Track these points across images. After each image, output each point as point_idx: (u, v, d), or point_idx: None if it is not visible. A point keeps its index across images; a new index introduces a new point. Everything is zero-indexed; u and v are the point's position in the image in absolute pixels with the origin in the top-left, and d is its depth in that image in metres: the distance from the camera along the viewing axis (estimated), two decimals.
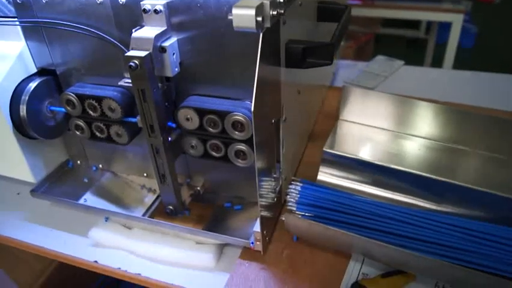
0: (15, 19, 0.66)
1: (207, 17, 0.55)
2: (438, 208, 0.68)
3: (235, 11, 0.47)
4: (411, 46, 3.41)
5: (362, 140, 0.81)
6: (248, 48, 0.55)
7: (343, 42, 1.34)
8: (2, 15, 0.68)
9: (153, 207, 0.74)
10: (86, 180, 0.79)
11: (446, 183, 0.67)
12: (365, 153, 0.76)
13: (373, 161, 0.71)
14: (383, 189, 0.72)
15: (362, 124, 0.84)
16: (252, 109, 0.49)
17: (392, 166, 0.70)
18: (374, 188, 0.73)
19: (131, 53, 0.55)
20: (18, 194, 0.83)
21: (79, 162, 0.82)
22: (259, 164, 0.55)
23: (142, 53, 0.54)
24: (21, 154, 0.71)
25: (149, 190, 0.78)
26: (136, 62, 0.54)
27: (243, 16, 0.47)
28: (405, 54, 1.77)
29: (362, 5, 2.25)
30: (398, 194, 0.71)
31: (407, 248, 0.57)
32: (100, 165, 0.81)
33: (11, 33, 0.68)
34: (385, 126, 0.83)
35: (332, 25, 0.71)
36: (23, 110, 0.67)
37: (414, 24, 3.28)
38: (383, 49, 3.15)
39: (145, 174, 0.78)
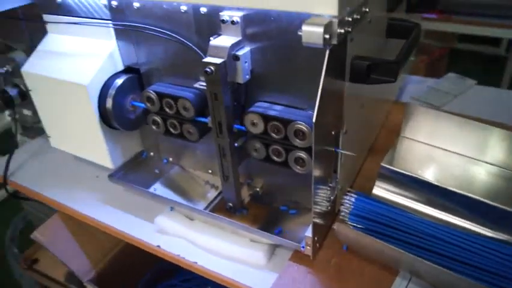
0: (109, 21, 0.74)
1: (279, 30, 0.59)
2: (493, 235, 0.67)
3: (305, 27, 0.50)
4: (489, 64, 3.25)
5: (421, 159, 0.81)
6: (315, 61, 0.58)
7: (414, 57, 1.32)
8: (99, 17, 0.76)
9: (214, 203, 0.79)
10: (157, 171, 0.86)
11: (503, 210, 0.66)
12: (423, 172, 0.76)
13: (430, 181, 0.72)
14: (437, 210, 0.72)
15: (423, 143, 0.84)
16: (314, 120, 0.52)
17: (449, 188, 0.70)
18: (428, 208, 0.73)
19: (208, 59, 0.60)
20: (97, 176, 0.92)
21: (152, 154, 0.89)
22: (316, 173, 0.58)
23: (218, 60, 0.59)
24: (104, 142, 0.79)
25: (212, 186, 0.83)
26: (212, 68, 0.59)
27: (312, 33, 0.50)
28: (481, 73, 1.71)
29: (438, 19, 2.19)
30: (453, 216, 0.71)
31: (456, 272, 0.57)
32: (170, 159, 0.88)
33: (105, 34, 0.76)
34: (445, 147, 0.82)
35: (401, 41, 0.73)
36: (109, 103, 0.75)
37: (494, 40, 3.12)
38: (458, 65, 3.03)
39: (209, 171, 0.84)
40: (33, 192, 0.91)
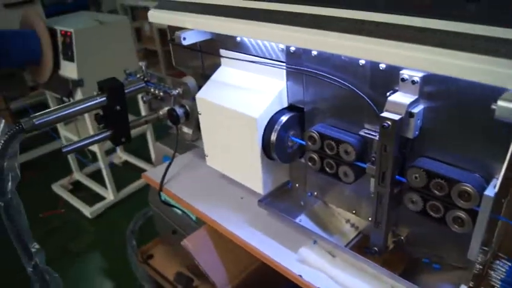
0: (284, 63, 0.81)
1: (458, 92, 0.61)
2: None
3: (501, 103, 0.52)
4: None
5: None
6: (497, 130, 0.59)
7: None
8: (273, 58, 0.84)
9: (353, 242, 0.82)
10: (302, 203, 0.92)
11: None
12: None
13: None
14: None
15: None
16: (496, 190, 0.53)
17: None
18: None
19: (385, 114, 0.64)
20: (241, 198, 1.00)
21: (297, 185, 0.95)
22: (477, 236, 0.59)
23: (395, 116, 0.63)
24: (260, 170, 0.86)
25: (352, 226, 0.86)
26: (389, 123, 0.63)
27: (509, 109, 0.51)
28: None
29: None
30: None
31: None
32: (315, 193, 0.92)
33: (276, 73, 0.84)
34: None
35: None
36: (273, 136, 0.82)
37: None
38: None
39: (353, 211, 0.87)
40: (185, 203, 1.01)
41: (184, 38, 0.89)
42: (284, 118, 0.83)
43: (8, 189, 1.06)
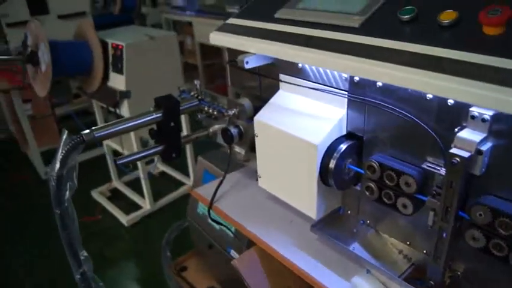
0: (346, 92, 0.83)
1: None
2: None
3: None
4: None
5: None
6: None
7: None
8: (334, 86, 0.85)
9: (406, 274, 0.81)
10: (355, 230, 0.92)
11: None
12: None
13: None
14: None
15: None
16: None
17: None
18: None
19: (454, 151, 0.64)
20: (291, 221, 1.01)
21: (349, 212, 0.95)
22: None
23: (465, 154, 0.63)
24: (315, 196, 0.87)
25: (405, 257, 0.86)
26: (458, 159, 0.63)
27: None
28: None
29: None
30: None
31: None
32: (368, 221, 0.92)
33: (337, 101, 0.85)
34: None
35: None
36: (332, 164, 0.83)
37: None
38: None
39: (408, 243, 0.86)
40: (234, 221, 1.03)
41: (247, 62, 0.92)
42: (343, 146, 0.84)
43: (65, 197, 1.10)
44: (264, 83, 1.05)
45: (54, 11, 3.13)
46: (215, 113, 1.18)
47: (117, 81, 2.35)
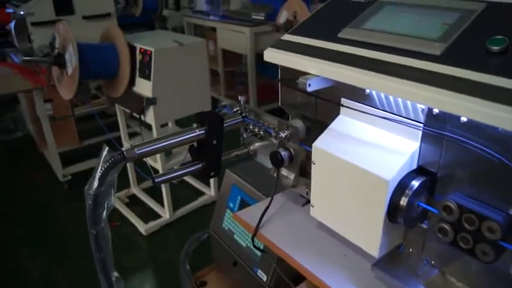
0: (422, 124, 0.76)
1: None
2: None
3: None
4: None
5: None
6: None
7: None
8: (408, 117, 0.78)
9: None
10: (419, 272, 0.85)
11: None
12: None
13: None
14: None
15: None
16: None
17: None
18: None
19: None
20: (344, 255, 0.95)
21: (411, 250, 0.88)
22: None
23: None
24: (380, 233, 0.80)
25: None
26: None
27: None
28: None
29: None
30: None
31: None
32: (433, 262, 0.85)
33: (410, 133, 0.78)
34: None
35: None
36: (403, 201, 0.76)
37: None
38: None
39: None
40: (283, 252, 0.96)
41: (310, 85, 0.85)
42: (416, 183, 0.77)
43: (102, 217, 1.05)
44: (320, 104, 0.98)
45: (79, 11, 3.10)
46: (261, 132, 1.12)
47: (143, 87, 2.30)
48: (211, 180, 2.87)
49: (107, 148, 1.03)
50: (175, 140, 1.03)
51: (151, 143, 1.00)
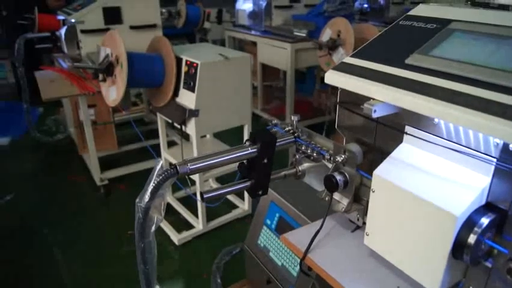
0: (495, 159, 0.73)
1: None
2: None
3: None
4: None
5: None
6: None
7: None
8: (478, 149, 0.75)
9: None
10: None
11: None
12: None
13: None
14: None
15: None
16: None
17: None
18: None
19: None
20: (398, 287, 0.91)
21: (470, 287, 0.84)
22: None
23: None
24: (442, 270, 0.77)
25: None
26: None
27: None
28: None
29: None
30: None
31: None
32: None
33: (481, 167, 0.75)
34: None
35: None
36: (472, 239, 0.73)
37: None
38: None
39: None
40: (333, 280, 0.94)
41: (375, 111, 0.83)
42: (486, 220, 0.74)
43: (151, 231, 1.05)
44: (380, 130, 0.96)
45: (127, 21, 3.18)
46: (314, 154, 1.10)
47: (187, 99, 2.32)
48: (246, 194, 2.86)
49: (161, 162, 1.03)
50: (227, 157, 1.03)
51: (204, 159, 1.00)
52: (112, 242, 2.62)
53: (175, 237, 2.62)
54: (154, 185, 0.99)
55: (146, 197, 1.00)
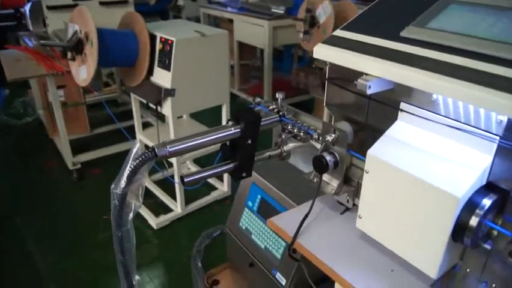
0: (498, 137, 0.68)
1: None
2: None
3: None
4: None
5: None
6: None
7: None
8: (479, 127, 0.71)
9: None
10: None
11: None
12: None
13: None
14: None
15: None
16: None
17: None
18: None
19: None
20: (392, 270, 0.88)
21: (468, 270, 0.81)
22: None
23: None
24: (441, 254, 0.73)
25: None
26: None
27: None
28: None
29: None
30: None
31: None
32: (494, 285, 0.78)
33: (482, 145, 0.71)
34: None
35: None
36: (473, 221, 0.69)
37: None
38: None
39: None
40: (324, 266, 0.90)
41: (370, 87, 0.78)
42: (488, 202, 0.70)
43: (129, 218, 0.98)
44: (373, 107, 0.90)
45: None
46: (301, 134, 1.05)
47: (162, 78, 2.22)
48: (225, 175, 2.80)
49: (137, 145, 0.96)
50: (209, 138, 0.97)
51: (184, 141, 0.94)
52: (88, 228, 2.53)
53: (153, 221, 2.55)
54: (130, 169, 0.92)
55: (123, 183, 0.93)
